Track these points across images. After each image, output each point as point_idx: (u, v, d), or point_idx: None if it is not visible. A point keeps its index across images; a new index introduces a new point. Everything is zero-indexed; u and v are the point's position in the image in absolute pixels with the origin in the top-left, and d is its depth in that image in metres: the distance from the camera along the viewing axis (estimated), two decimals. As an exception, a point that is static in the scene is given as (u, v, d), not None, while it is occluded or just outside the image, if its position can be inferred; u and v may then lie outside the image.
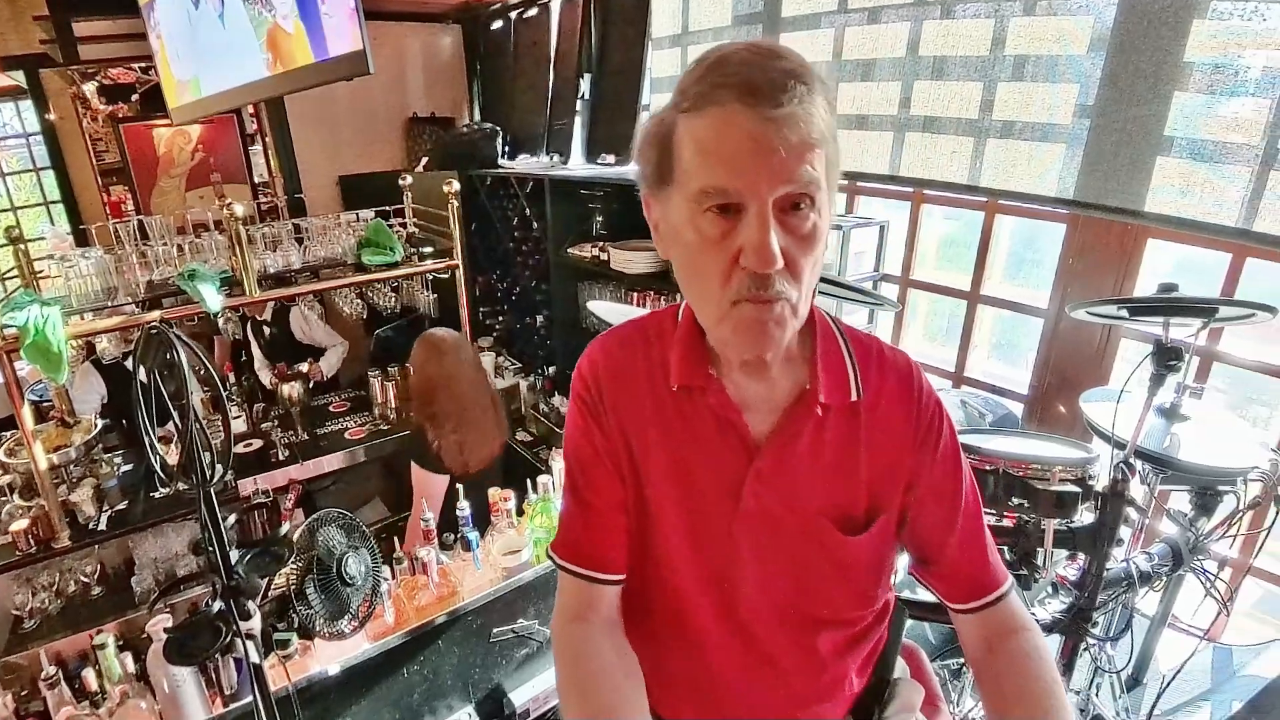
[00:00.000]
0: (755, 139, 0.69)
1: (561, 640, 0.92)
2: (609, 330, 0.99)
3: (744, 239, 0.71)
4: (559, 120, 4.08)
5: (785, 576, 0.90)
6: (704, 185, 0.72)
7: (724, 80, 0.70)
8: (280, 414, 3.26)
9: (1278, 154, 2.03)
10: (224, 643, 1.31)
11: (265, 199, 4.69)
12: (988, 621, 0.93)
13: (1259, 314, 1.56)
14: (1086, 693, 1.92)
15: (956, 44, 2.57)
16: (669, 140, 0.76)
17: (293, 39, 2.99)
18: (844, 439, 0.88)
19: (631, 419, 0.91)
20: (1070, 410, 2.64)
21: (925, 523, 0.93)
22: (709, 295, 0.77)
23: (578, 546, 0.94)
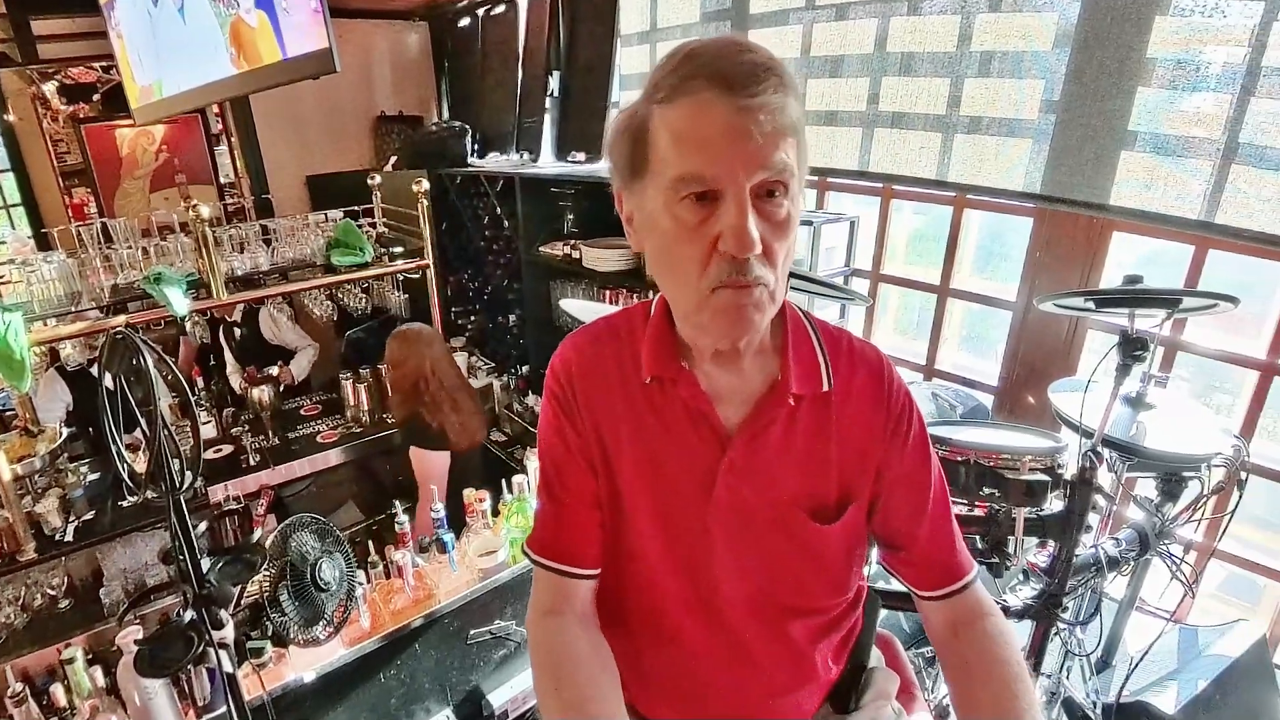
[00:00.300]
0: (731, 126, 0.70)
1: (536, 634, 0.93)
2: (581, 327, 1.00)
3: (722, 224, 0.72)
4: (528, 118, 4.05)
5: (759, 566, 0.90)
6: (681, 173, 0.73)
7: (697, 71, 0.71)
8: (250, 418, 3.21)
9: (1238, 148, 2.07)
10: (196, 653, 1.29)
11: (232, 200, 4.62)
12: (954, 608, 0.95)
13: (1221, 304, 1.58)
14: (1057, 676, 1.95)
15: (924, 40, 2.59)
16: (643, 132, 0.76)
17: (256, 33, 2.93)
18: (815, 429, 0.89)
19: (604, 414, 0.92)
20: (1039, 401, 2.68)
21: (895, 511, 0.95)
22: (686, 283, 0.78)
23: (552, 542, 0.95)
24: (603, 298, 3.27)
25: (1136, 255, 2.65)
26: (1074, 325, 2.62)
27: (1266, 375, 2.36)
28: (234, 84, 3.24)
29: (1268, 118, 2.01)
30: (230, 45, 3.09)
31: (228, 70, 3.17)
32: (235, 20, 3.01)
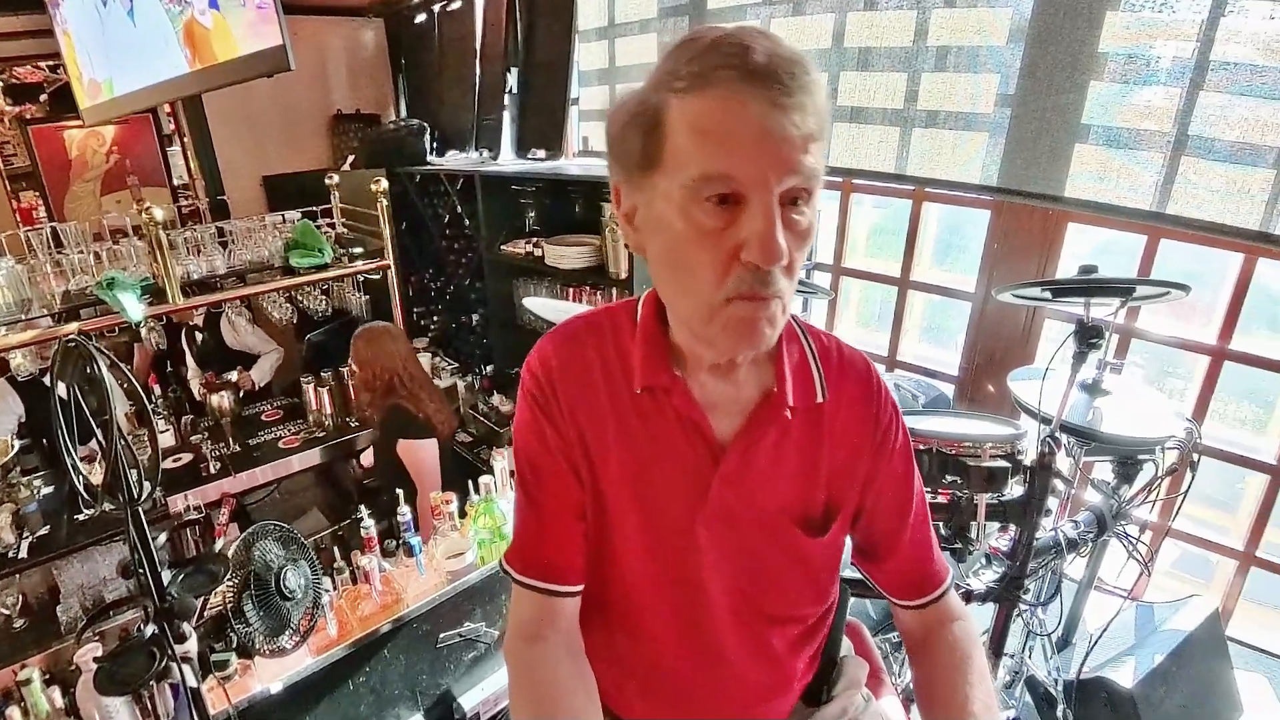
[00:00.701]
0: (764, 127, 0.64)
1: (517, 663, 0.89)
2: (559, 326, 0.93)
3: (747, 231, 0.67)
4: (487, 115, 4.01)
5: (745, 576, 0.89)
6: (705, 171, 0.66)
7: (727, 60, 0.65)
8: (210, 425, 3.13)
9: (1188, 140, 2.13)
10: (159, 668, 1.27)
11: (186, 202, 4.50)
12: (929, 614, 0.97)
13: (1173, 292, 1.62)
14: (1020, 655, 2.00)
15: (881, 35, 2.62)
16: (657, 123, 0.69)
17: (211, 34, 2.86)
18: (807, 440, 0.88)
19: (587, 418, 0.87)
20: (999, 389, 2.74)
21: (879, 522, 0.95)
22: (698, 291, 0.72)
23: (534, 557, 0.89)
24: (566, 295, 3.25)
25: (1091, 245, 2.72)
26: (1031, 315, 2.67)
27: (1217, 360, 2.44)
28: (187, 83, 3.15)
29: (1216, 111, 2.06)
30: (184, 45, 3.01)
31: (180, 68, 3.09)
32: (189, 21, 2.93)
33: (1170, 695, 1.88)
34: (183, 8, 2.92)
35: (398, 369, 2.61)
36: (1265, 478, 2.48)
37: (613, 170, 0.79)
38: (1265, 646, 2.56)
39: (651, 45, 3.41)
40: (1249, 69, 2.00)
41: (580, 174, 3.31)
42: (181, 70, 3.08)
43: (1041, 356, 2.66)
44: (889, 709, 1.13)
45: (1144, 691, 1.81)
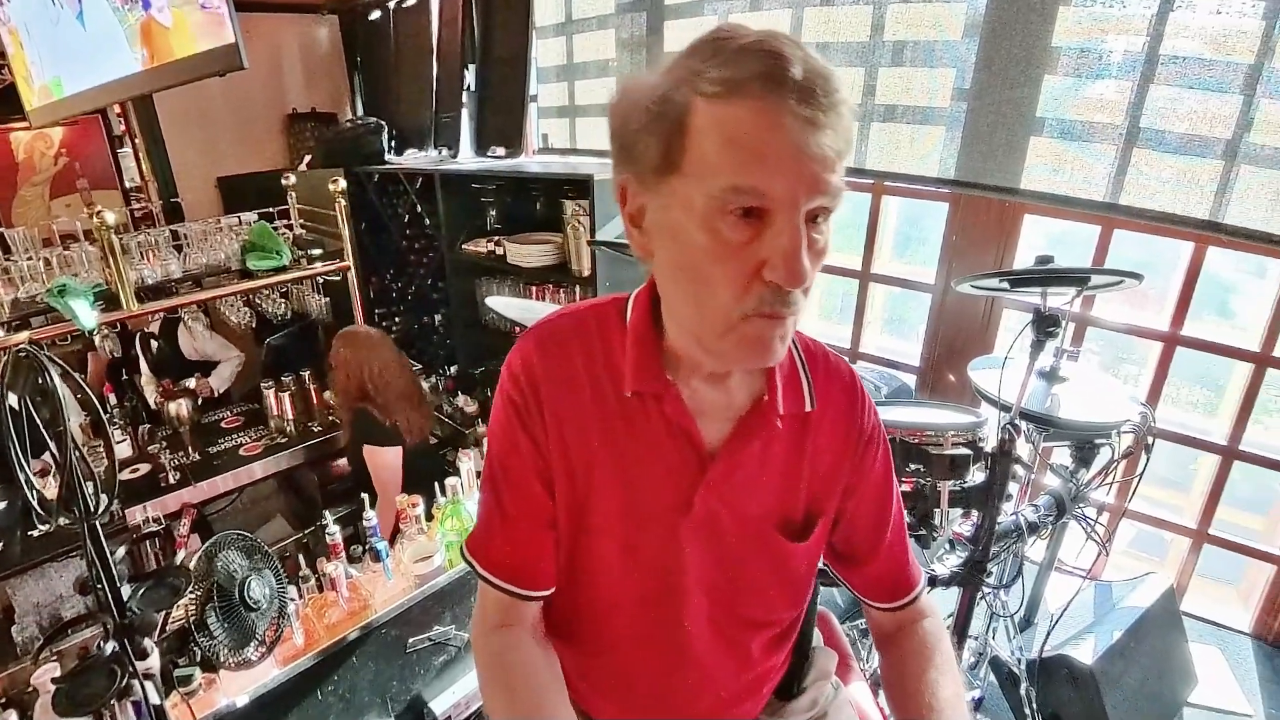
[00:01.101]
0: (800, 143, 0.62)
1: (483, 647, 0.89)
2: (542, 323, 0.90)
3: (771, 249, 0.65)
4: (445, 113, 3.96)
5: (725, 582, 0.88)
6: (736, 183, 0.64)
7: (764, 70, 0.62)
8: (168, 434, 3.05)
9: (1139, 132, 2.18)
10: (120, 687, 1.23)
11: (139, 205, 4.38)
12: (902, 615, 0.99)
13: (1127, 281, 1.65)
14: (984, 637, 2.05)
15: (838, 30, 2.64)
16: (682, 124, 0.66)
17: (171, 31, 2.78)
18: (792, 447, 0.87)
19: (572, 426, 0.84)
20: (959, 378, 2.79)
21: (858, 529, 0.95)
22: (713, 305, 0.70)
23: (501, 559, 0.88)
24: (529, 294, 3.24)
25: (1047, 236, 2.77)
26: (990, 305, 2.72)
27: (1169, 346, 2.51)
28: (138, 82, 3.06)
29: (1166, 103, 2.12)
30: (140, 44, 2.92)
31: (132, 67, 3.00)
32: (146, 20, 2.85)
33: (1129, 670, 1.93)
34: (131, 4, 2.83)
35: (372, 375, 2.59)
36: (1216, 458, 2.56)
37: (619, 167, 0.75)
38: (1218, 619, 2.66)
39: (609, 41, 3.39)
40: (1197, 62, 2.05)
41: (541, 171, 3.29)
42: (133, 69, 3.00)
43: (1000, 346, 2.70)
44: (858, 695, 1.15)
45: (1103, 667, 1.86)
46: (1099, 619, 2.07)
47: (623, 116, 0.72)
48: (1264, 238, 2.10)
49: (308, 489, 3.34)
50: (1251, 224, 2.10)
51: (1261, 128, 2.02)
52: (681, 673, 0.91)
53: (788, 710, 1.04)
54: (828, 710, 1.05)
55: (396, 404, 2.62)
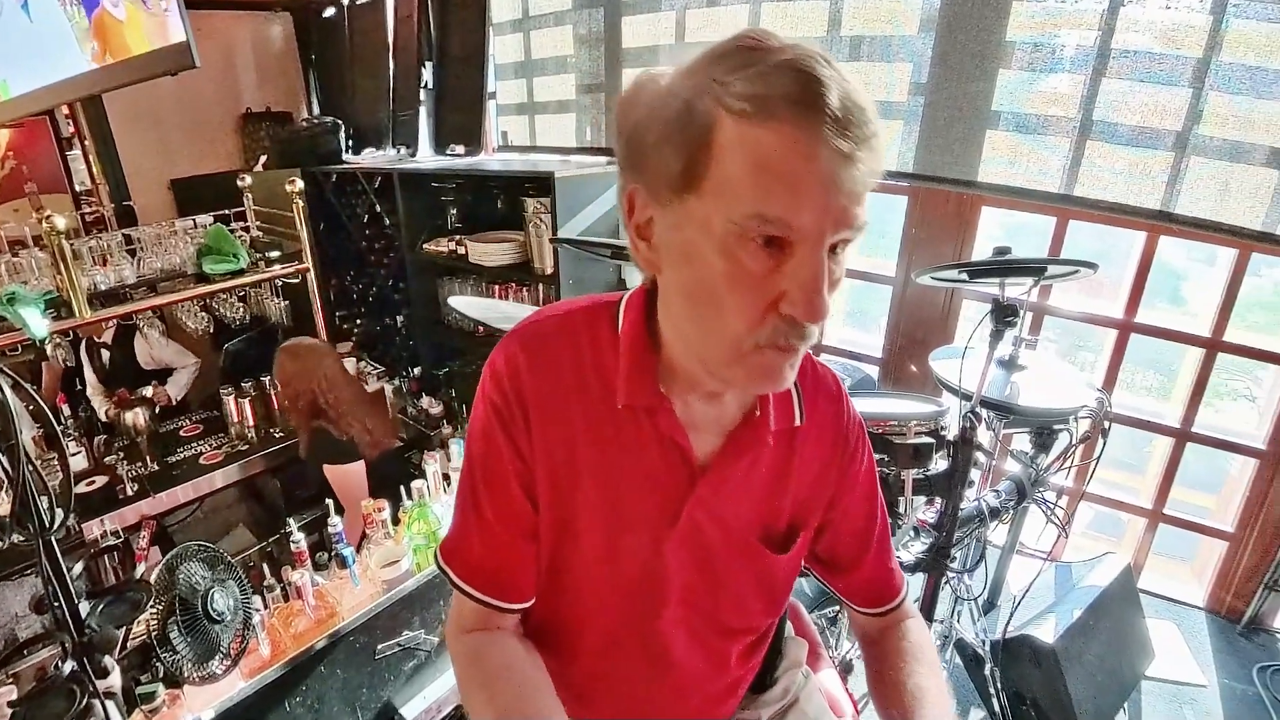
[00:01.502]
0: (832, 176, 0.59)
1: (460, 649, 0.86)
2: (528, 323, 0.85)
3: (792, 282, 0.63)
4: (403, 111, 3.91)
5: (708, 592, 0.88)
6: (763, 212, 0.60)
7: (800, 93, 0.58)
8: (125, 445, 2.97)
9: (1092, 125, 2.22)
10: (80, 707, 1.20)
11: (90, 209, 4.24)
12: (885, 619, 1.00)
13: (1082, 270, 1.69)
14: (949, 621, 2.08)
15: (795, 25, 2.66)
16: (706, 140, 0.62)
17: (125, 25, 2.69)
18: (780, 461, 0.87)
19: (557, 432, 0.81)
20: (921, 369, 2.83)
21: (843, 538, 0.96)
22: (725, 333, 0.67)
23: (479, 569, 0.85)
24: (492, 293, 3.21)
25: (1004, 228, 2.83)
26: (950, 296, 2.77)
27: (1124, 333, 2.58)
28: (88, 82, 2.96)
29: (1117, 96, 2.17)
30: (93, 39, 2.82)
31: (81, 66, 2.90)
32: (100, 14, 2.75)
33: (1089, 647, 1.98)
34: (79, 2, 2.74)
35: (321, 388, 2.53)
36: (1170, 440, 2.64)
37: (628, 173, 0.70)
38: (1173, 596, 2.75)
39: (567, 36, 3.38)
40: (1148, 56, 2.10)
41: (501, 169, 3.26)
42: (83, 68, 2.90)
43: (960, 336, 2.76)
44: (827, 682, 1.16)
45: (1064, 645, 1.91)
46: (1059, 599, 2.12)
47: (636, 122, 0.67)
48: (1213, 227, 2.16)
49: (271, 496, 3.27)
50: (1201, 213, 2.16)
51: (1210, 120, 2.07)
52: (659, 680, 0.91)
53: (761, 701, 1.05)
54: (799, 697, 1.06)
55: (351, 414, 2.56)
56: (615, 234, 3.00)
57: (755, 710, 1.04)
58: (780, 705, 1.05)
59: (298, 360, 2.56)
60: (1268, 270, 2.77)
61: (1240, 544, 2.58)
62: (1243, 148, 2.06)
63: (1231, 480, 2.71)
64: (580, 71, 3.39)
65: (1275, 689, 2.31)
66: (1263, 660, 2.43)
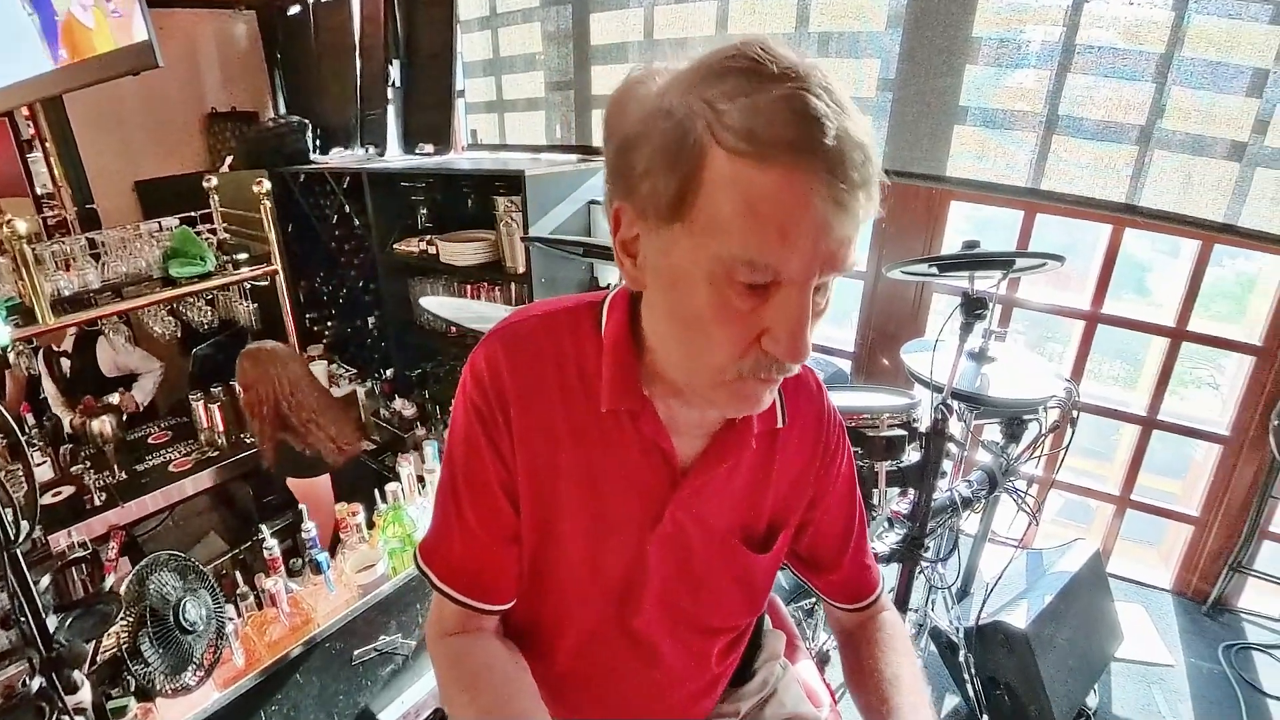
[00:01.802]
0: (824, 225, 0.58)
1: (441, 651, 0.86)
2: (510, 323, 0.84)
3: (774, 321, 0.62)
4: (371, 110, 3.87)
5: (689, 592, 0.88)
6: (749, 256, 0.59)
7: (796, 139, 0.56)
8: (92, 453, 2.91)
9: (1058, 119, 2.25)
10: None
11: (52, 212, 4.15)
12: (862, 614, 1.02)
13: (1050, 263, 1.72)
14: (924, 609, 2.11)
15: (764, 21, 2.66)
16: (696, 172, 0.60)
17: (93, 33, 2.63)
18: (761, 462, 0.87)
19: (540, 435, 0.80)
20: (893, 362, 2.85)
21: (823, 538, 0.97)
22: (708, 360, 0.67)
23: (460, 571, 0.85)
24: (464, 293, 3.19)
25: (973, 222, 2.86)
26: (920, 290, 2.80)
27: (1091, 324, 2.63)
28: (47, 83, 2.89)
29: (1082, 91, 2.19)
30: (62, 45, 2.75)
31: (40, 67, 2.82)
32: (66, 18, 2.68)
33: (1060, 631, 2.02)
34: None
35: (284, 394, 2.49)
36: (1136, 428, 2.69)
37: (615, 189, 0.68)
38: (1141, 579, 2.81)
39: (535, 34, 3.35)
40: (1111, 52, 2.13)
41: (471, 168, 3.24)
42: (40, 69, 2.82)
43: (931, 329, 2.79)
44: (805, 673, 1.17)
45: (1036, 630, 1.94)
46: (1031, 585, 2.15)
47: (625, 136, 0.65)
48: (1176, 219, 2.19)
49: (242, 503, 3.23)
50: (1165, 206, 2.19)
51: (1173, 114, 2.11)
52: (640, 678, 0.91)
53: (740, 694, 1.06)
54: (777, 689, 1.08)
55: (314, 422, 2.52)
56: (587, 232, 2.99)
57: (734, 704, 1.04)
58: (759, 697, 1.06)
59: (259, 365, 2.52)
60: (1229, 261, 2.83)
61: (1205, 528, 2.64)
62: (1205, 141, 2.10)
63: (1196, 466, 2.77)
64: (549, 69, 3.37)
65: (1240, 667, 2.38)
66: (1228, 639, 2.49)
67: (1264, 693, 2.29)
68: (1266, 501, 2.46)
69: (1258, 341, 2.42)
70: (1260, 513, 2.48)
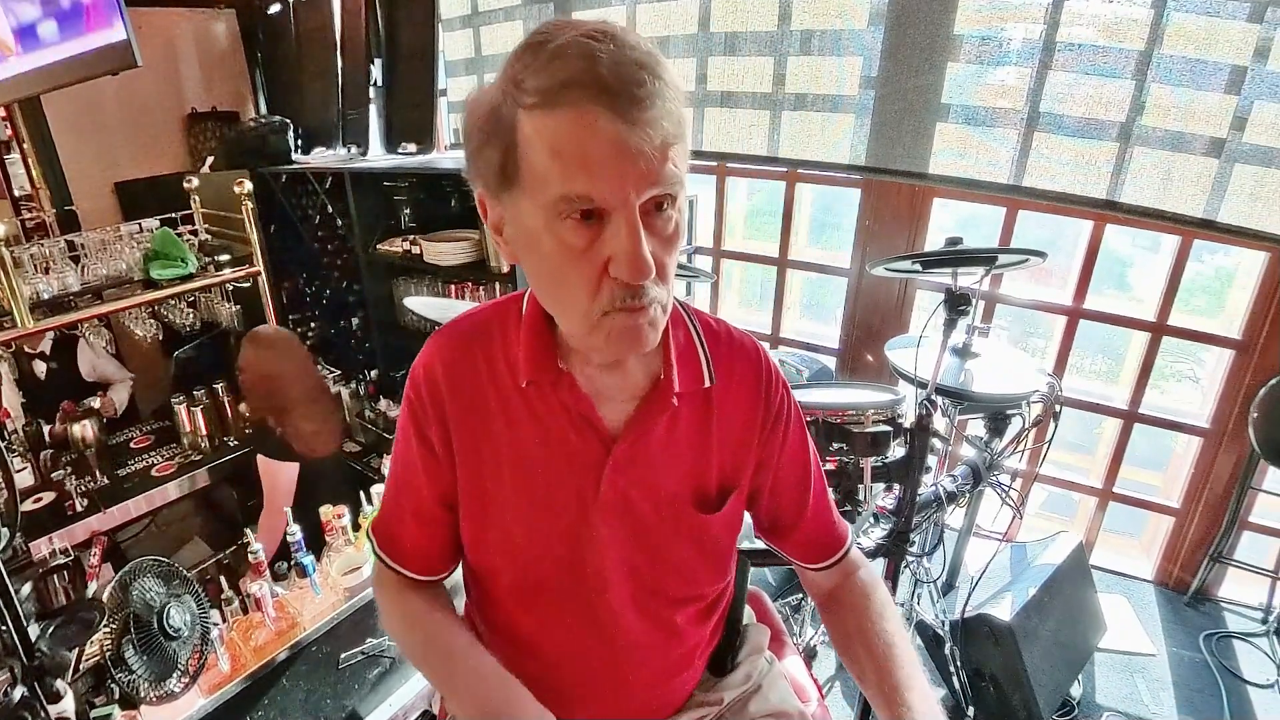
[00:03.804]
0: (619, 144, 0.63)
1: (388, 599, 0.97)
2: (447, 326, 0.92)
3: (612, 249, 0.67)
4: (352, 109, 3.83)
5: (644, 561, 0.90)
6: (564, 192, 0.66)
7: (574, 76, 0.63)
8: (73, 458, 2.87)
9: (1039, 117, 2.27)
10: (32, 734, 1.16)
11: (30, 215, 4.08)
12: (834, 572, 1.02)
13: (1032, 259, 1.74)
14: (909, 603, 2.13)
15: (746, 19, 2.67)
16: (512, 138, 0.68)
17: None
18: (697, 424, 0.89)
19: (474, 422, 0.86)
20: (877, 358, 2.88)
21: (780, 499, 0.98)
22: (575, 306, 0.73)
23: (400, 548, 0.95)
24: (448, 293, 3.17)
25: (956, 218, 2.89)
26: (904, 287, 2.82)
27: (1073, 319, 2.66)
28: (22, 84, 2.85)
29: (1063, 88, 2.22)
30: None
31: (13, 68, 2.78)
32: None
33: (1044, 623, 2.04)
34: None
35: (272, 376, 2.48)
36: (1118, 422, 2.72)
37: (473, 180, 0.76)
38: (1123, 570, 2.84)
39: (518, 32, 3.36)
40: (1092, 49, 2.16)
41: (454, 167, 3.21)
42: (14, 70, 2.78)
43: (915, 325, 2.81)
44: (792, 668, 1.19)
45: (1020, 623, 1.96)
46: (1015, 578, 2.17)
47: (465, 133, 0.74)
48: (1156, 214, 2.23)
49: (227, 507, 3.20)
50: (1145, 202, 2.22)
51: (1152, 111, 2.13)
52: (611, 653, 0.92)
53: (722, 685, 1.06)
54: (761, 684, 1.08)
55: (299, 412, 2.50)
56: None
57: (717, 693, 1.05)
58: (742, 690, 1.07)
59: (259, 349, 2.51)
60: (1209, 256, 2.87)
61: (1186, 519, 2.68)
62: (1184, 138, 2.13)
63: (1177, 458, 2.80)
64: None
65: (1221, 655, 2.41)
66: (1208, 628, 2.53)
67: (1244, 680, 2.32)
68: (1245, 492, 2.50)
69: (1236, 335, 2.45)
70: (1240, 503, 2.51)
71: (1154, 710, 2.21)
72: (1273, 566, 2.53)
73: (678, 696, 1.02)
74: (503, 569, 0.91)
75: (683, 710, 1.02)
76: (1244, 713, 2.20)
